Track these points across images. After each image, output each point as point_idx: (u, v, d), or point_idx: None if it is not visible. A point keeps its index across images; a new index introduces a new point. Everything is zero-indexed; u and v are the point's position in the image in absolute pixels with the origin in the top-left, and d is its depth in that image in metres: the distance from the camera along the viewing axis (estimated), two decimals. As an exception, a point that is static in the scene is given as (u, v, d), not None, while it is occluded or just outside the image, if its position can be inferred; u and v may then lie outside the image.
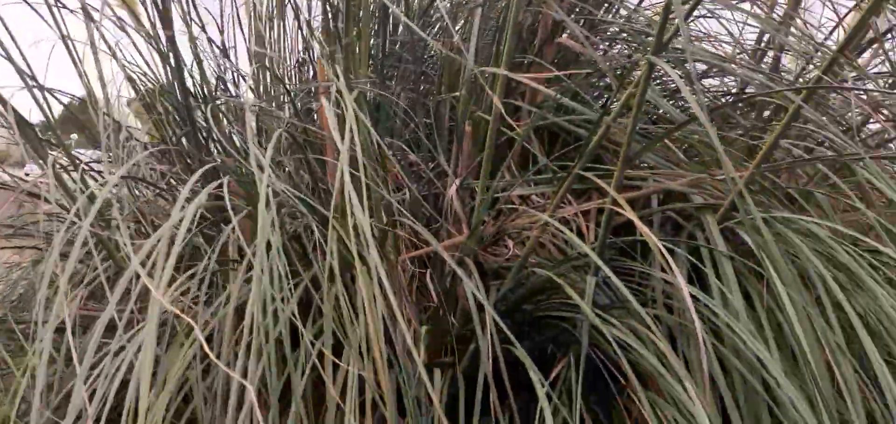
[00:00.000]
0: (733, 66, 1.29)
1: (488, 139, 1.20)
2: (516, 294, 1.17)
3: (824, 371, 0.89)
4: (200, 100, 1.31)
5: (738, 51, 1.44)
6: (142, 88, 1.40)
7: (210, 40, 1.44)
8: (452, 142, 1.39)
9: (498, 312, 1.13)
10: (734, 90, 1.41)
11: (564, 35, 1.39)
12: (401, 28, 1.49)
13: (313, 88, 1.36)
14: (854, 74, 1.22)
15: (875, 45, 1.33)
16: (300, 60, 1.53)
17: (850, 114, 1.19)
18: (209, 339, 0.95)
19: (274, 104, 1.50)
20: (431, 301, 1.23)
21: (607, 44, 1.48)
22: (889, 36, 1.31)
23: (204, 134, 1.33)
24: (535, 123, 1.25)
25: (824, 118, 1.19)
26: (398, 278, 1.21)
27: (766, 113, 1.30)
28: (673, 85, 1.42)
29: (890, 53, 1.33)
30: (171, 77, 1.30)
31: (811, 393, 0.86)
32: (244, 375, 0.83)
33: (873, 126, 1.35)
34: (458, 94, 1.35)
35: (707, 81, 1.48)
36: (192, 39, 1.37)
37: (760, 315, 0.95)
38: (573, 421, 0.91)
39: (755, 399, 0.91)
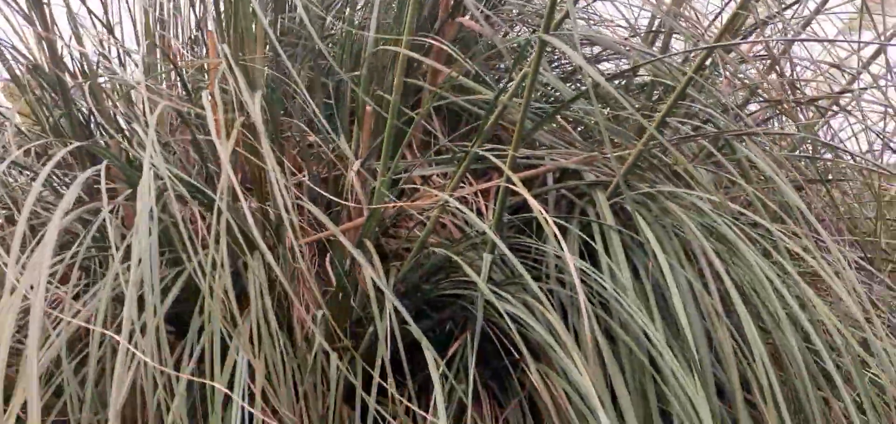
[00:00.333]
0: (622, 45, 1.33)
1: (389, 119, 1.18)
2: (416, 275, 1.16)
3: (703, 338, 0.94)
4: (80, 79, 1.23)
5: (631, 34, 1.48)
6: (16, 67, 1.30)
7: (91, 13, 1.36)
8: (353, 123, 1.37)
9: (398, 293, 1.12)
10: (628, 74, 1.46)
11: (467, 16, 1.39)
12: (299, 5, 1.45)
13: (206, 65, 1.30)
14: (735, 57, 1.29)
15: (756, 32, 1.41)
16: (192, 37, 1.46)
17: (731, 95, 1.25)
18: (87, 329, 0.90)
19: (165, 84, 1.43)
20: (331, 286, 1.21)
21: (508, 25, 1.49)
22: (769, 23, 1.39)
23: (84, 116, 1.25)
24: (433, 103, 1.24)
25: (711, 98, 1.25)
26: (296, 263, 1.18)
27: (656, 95, 1.35)
28: (570, 68, 1.45)
29: (770, 40, 1.41)
30: (47, 53, 1.21)
31: (691, 359, 0.90)
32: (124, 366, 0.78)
33: (753, 107, 1.43)
34: (359, 73, 1.33)
35: (603, 66, 1.52)
36: (71, 14, 1.29)
37: (646, 287, 0.98)
38: (467, 399, 0.91)
39: (641, 368, 0.95)
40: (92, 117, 1.24)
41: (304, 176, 1.31)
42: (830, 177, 1.42)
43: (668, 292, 0.96)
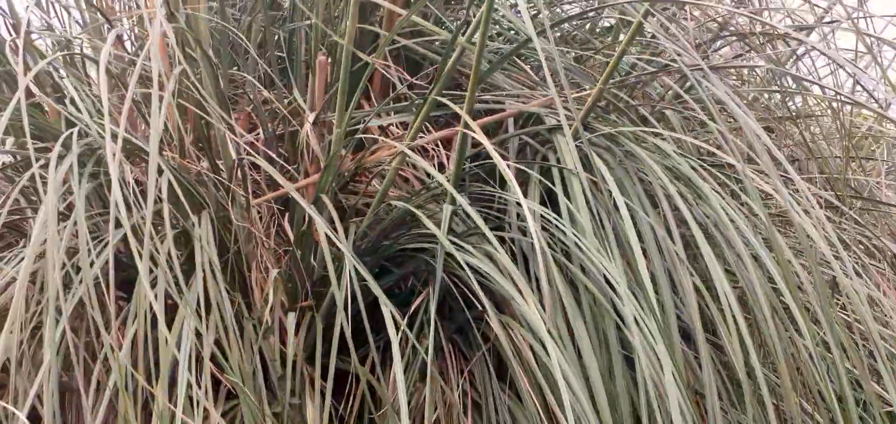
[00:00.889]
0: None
1: (343, 68, 1.13)
2: (376, 231, 1.13)
3: (666, 281, 0.91)
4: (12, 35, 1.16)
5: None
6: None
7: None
8: (309, 76, 1.32)
9: (358, 250, 1.09)
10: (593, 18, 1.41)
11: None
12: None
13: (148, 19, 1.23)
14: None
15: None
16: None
17: (697, 32, 1.21)
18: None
19: (108, 43, 1.36)
20: (291, 245, 1.17)
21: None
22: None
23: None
24: (387, 47, 1.19)
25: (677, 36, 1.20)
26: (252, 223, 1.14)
27: (622, 37, 1.31)
28: (535, 11, 1.40)
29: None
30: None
31: (651, 305, 0.88)
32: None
33: (720, 45, 1.39)
34: (312, 22, 1.27)
35: (567, 8, 1.47)
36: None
37: (607, 232, 0.95)
38: (427, 356, 0.89)
39: (603, 313, 0.92)
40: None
41: (258, 133, 1.26)
42: (798, 116, 1.39)
43: (630, 236, 0.93)
